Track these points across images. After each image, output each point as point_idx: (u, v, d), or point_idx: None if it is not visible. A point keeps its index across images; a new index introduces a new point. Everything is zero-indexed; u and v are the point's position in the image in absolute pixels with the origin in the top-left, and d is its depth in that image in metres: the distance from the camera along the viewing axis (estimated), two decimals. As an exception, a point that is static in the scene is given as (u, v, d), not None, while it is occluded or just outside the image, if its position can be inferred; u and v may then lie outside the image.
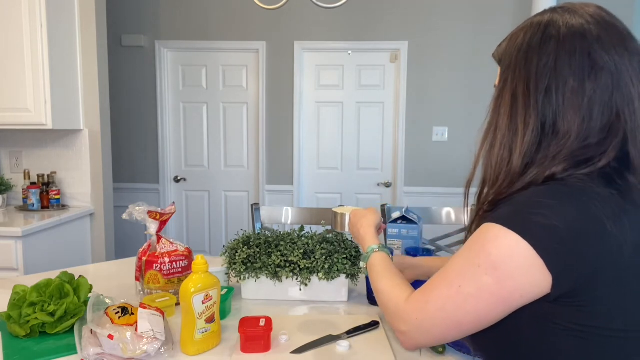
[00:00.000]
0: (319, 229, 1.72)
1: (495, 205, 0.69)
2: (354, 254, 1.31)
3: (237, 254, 1.31)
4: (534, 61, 0.67)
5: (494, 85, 0.77)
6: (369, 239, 0.99)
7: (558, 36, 0.66)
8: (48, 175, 2.65)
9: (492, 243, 0.63)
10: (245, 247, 1.32)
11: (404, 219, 1.48)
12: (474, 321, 0.66)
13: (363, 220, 1.04)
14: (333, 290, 1.33)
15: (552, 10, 0.70)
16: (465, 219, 0.74)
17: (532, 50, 0.68)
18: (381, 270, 0.88)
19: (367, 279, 1.23)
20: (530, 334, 0.65)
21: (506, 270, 0.62)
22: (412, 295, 0.75)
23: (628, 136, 0.64)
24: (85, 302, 1.12)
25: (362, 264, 0.97)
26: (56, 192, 2.64)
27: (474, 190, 0.76)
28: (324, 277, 1.29)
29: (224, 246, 1.39)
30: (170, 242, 1.34)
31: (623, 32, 0.66)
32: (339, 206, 1.24)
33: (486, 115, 0.76)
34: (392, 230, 1.45)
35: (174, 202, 1.51)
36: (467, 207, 0.77)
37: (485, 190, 0.73)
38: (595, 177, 0.63)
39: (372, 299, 1.30)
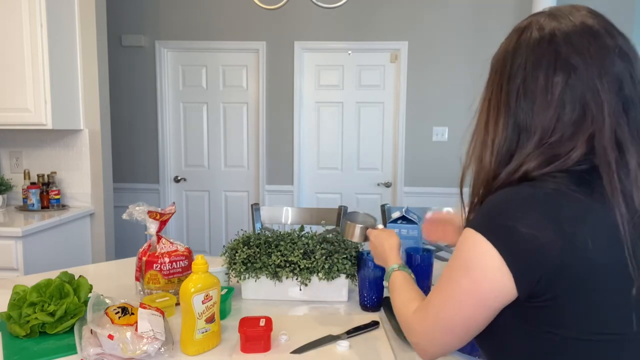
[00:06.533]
0: (319, 229, 1.72)
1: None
2: (354, 254, 1.31)
3: (237, 254, 1.31)
4: (507, 64, 0.70)
5: None
6: (392, 259, 1.02)
7: (529, 39, 0.69)
8: (48, 175, 2.65)
9: (465, 247, 0.67)
10: (245, 247, 1.32)
11: (403, 219, 1.48)
12: (463, 325, 0.69)
13: (385, 243, 1.07)
14: (333, 290, 1.33)
15: (537, 14, 0.72)
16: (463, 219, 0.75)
17: (508, 54, 0.71)
18: (397, 287, 0.92)
19: (360, 287, 1.30)
20: (511, 339, 0.67)
21: (478, 271, 0.65)
22: (416, 308, 0.79)
23: (596, 132, 0.65)
24: (85, 302, 1.12)
25: (385, 283, 1.01)
26: (56, 192, 2.64)
27: (466, 189, 0.77)
28: (324, 277, 1.29)
29: (224, 246, 1.39)
30: (170, 242, 1.34)
31: (602, 37, 0.66)
32: (353, 212, 1.26)
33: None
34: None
35: (174, 202, 1.51)
36: (465, 207, 0.77)
37: (474, 192, 0.75)
38: (566, 176, 0.65)
39: (364, 305, 1.29)
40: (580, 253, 0.60)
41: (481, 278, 0.64)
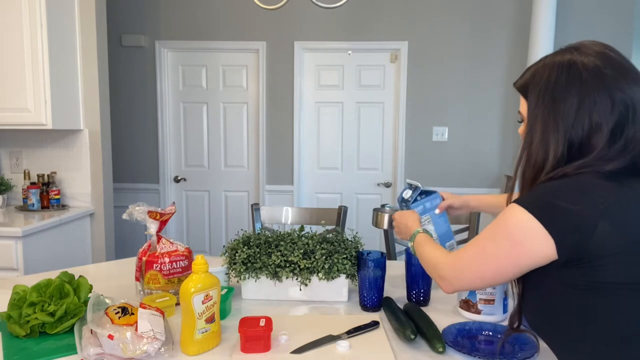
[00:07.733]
0: (319, 229, 1.72)
1: None
2: (353, 254, 1.31)
3: (237, 254, 1.31)
4: (561, 101, 0.81)
5: (519, 112, 0.92)
6: (414, 226, 1.18)
7: (581, 78, 0.80)
8: (48, 175, 2.65)
9: (509, 217, 0.82)
10: (245, 247, 1.32)
11: (421, 193, 1.36)
12: (493, 275, 0.86)
13: (409, 217, 1.24)
14: (333, 290, 1.33)
15: (569, 50, 0.84)
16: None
17: (559, 90, 0.82)
18: (423, 242, 1.09)
19: (360, 287, 1.30)
20: (559, 298, 0.80)
21: (518, 237, 0.79)
22: (449, 253, 0.98)
23: (638, 152, 0.79)
24: (85, 302, 1.12)
25: (409, 244, 1.15)
26: (56, 192, 2.64)
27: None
28: (324, 277, 1.29)
29: (224, 246, 1.39)
30: (170, 242, 1.34)
31: (629, 67, 0.81)
32: (382, 206, 1.50)
33: (520, 144, 0.90)
34: (417, 208, 1.33)
35: (174, 202, 1.51)
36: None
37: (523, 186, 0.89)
38: (598, 172, 0.78)
39: (364, 305, 1.29)
40: (611, 222, 0.73)
41: (520, 242, 0.79)
